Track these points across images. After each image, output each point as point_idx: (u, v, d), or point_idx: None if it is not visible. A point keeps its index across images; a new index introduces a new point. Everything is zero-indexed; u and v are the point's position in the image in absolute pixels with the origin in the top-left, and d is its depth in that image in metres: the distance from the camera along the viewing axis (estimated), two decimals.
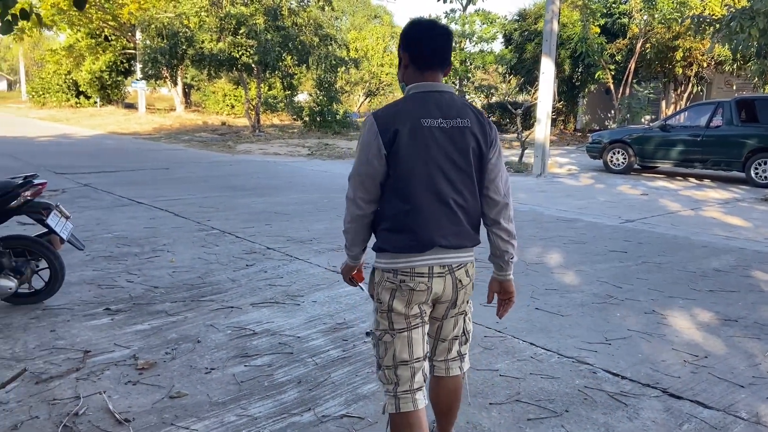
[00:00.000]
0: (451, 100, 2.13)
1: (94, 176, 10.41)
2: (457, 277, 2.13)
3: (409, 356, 2.15)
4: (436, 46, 2.14)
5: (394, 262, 2.09)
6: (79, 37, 31.05)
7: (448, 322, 2.26)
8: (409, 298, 2.10)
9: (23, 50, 50.38)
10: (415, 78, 2.15)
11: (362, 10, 47.52)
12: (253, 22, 17.86)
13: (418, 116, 2.06)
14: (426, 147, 2.05)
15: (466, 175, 2.11)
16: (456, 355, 2.34)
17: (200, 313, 4.14)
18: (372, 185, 2.10)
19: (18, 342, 3.60)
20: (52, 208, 4.14)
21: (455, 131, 2.08)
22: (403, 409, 2.16)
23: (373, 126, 2.07)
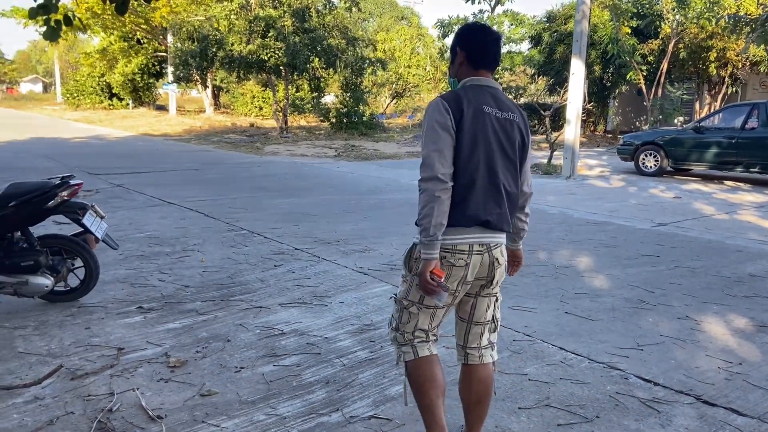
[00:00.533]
0: (502, 96, 2.34)
1: (126, 177, 10.61)
2: (494, 256, 2.28)
3: (429, 326, 2.36)
4: (493, 48, 2.35)
5: None
6: (112, 40, 31.71)
7: (481, 301, 2.37)
8: (448, 273, 2.21)
9: (58, 53, 51.64)
10: (469, 74, 2.35)
11: (389, 12, 47.55)
12: (281, 24, 18.01)
13: (480, 103, 2.25)
14: (486, 130, 2.23)
15: (513, 164, 2.31)
16: (487, 343, 2.45)
17: (230, 313, 4.19)
18: (449, 156, 2.18)
19: (54, 339, 3.69)
20: (88, 208, 4.23)
21: (507, 123, 2.29)
22: (421, 354, 2.34)
23: (443, 104, 2.21)
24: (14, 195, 3.96)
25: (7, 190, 3.99)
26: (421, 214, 2.18)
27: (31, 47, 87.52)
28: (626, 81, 21.70)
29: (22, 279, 4.00)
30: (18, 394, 3.01)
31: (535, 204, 8.93)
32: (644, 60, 20.72)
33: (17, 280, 4.00)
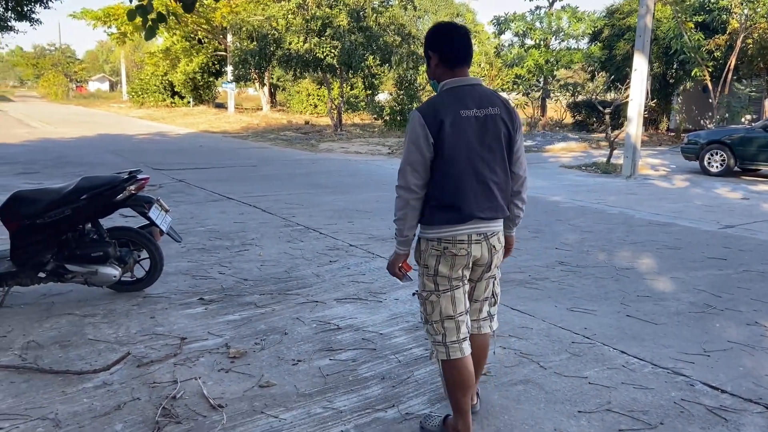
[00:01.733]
0: (481, 92, 2.47)
1: (188, 172, 10.93)
2: (491, 243, 2.52)
3: (453, 311, 2.51)
4: (463, 45, 2.48)
5: (439, 232, 2.45)
6: (175, 40, 32.72)
7: (480, 284, 2.63)
8: (452, 262, 2.46)
9: (125, 53, 53.67)
10: (446, 75, 2.49)
11: (444, 9, 47.27)
12: (337, 23, 18.16)
13: (457, 108, 2.39)
14: (466, 135, 2.39)
15: (499, 156, 2.48)
16: (486, 316, 2.73)
17: (287, 306, 4.26)
18: (423, 170, 2.41)
19: (121, 327, 3.84)
20: (154, 201, 4.38)
21: (488, 119, 2.43)
22: (452, 356, 2.52)
23: (420, 119, 2.38)
24: (86, 188, 4.13)
25: (79, 184, 4.17)
26: (396, 216, 2.51)
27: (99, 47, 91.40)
28: (691, 78, 20.88)
29: (92, 269, 4.18)
30: (88, 379, 3.15)
31: (594, 203, 8.74)
32: (710, 56, 19.87)
33: (88, 270, 4.18)
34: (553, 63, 22.93)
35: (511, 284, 4.84)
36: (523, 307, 4.34)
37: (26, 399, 2.93)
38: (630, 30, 21.10)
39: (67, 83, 55.70)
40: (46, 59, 61.20)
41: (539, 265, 5.46)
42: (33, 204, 4.09)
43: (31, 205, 4.09)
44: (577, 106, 26.45)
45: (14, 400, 2.92)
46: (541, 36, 23.85)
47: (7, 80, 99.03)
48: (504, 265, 5.33)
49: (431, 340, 2.60)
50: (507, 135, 2.48)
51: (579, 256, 5.79)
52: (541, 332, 3.89)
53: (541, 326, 3.99)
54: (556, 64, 22.91)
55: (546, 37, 24.04)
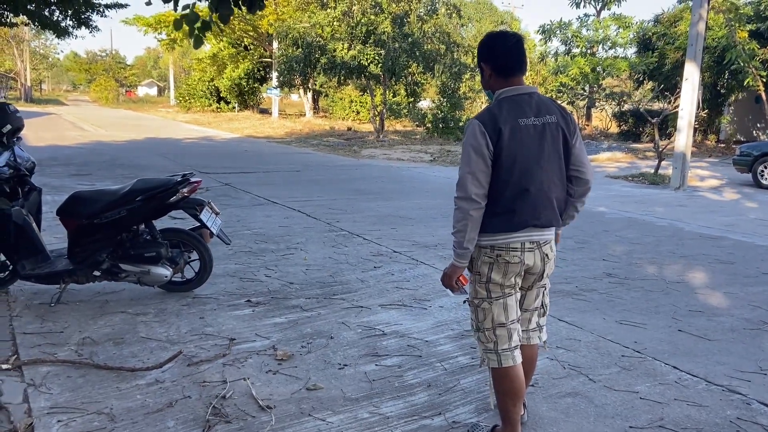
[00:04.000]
0: (538, 100, 2.46)
1: (233, 176, 11.14)
2: (543, 252, 2.51)
3: (505, 319, 2.51)
4: (517, 54, 2.47)
5: (493, 239, 2.45)
6: (222, 46, 33.43)
7: (531, 293, 2.62)
8: (505, 269, 2.46)
9: (173, 59, 55.12)
10: (500, 84, 2.48)
11: (489, 17, 47.07)
12: (382, 30, 18.27)
13: (515, 117, 2.39)
14: (524, 143, 2.38)
15: (557, 164, 2.47)
16: (535, 326, 2.71)
17: (332, 311, 4.29)
18: (484, 179, 2.39)
19: (172, 326, 3.93)
20: (205, 204, 4.47)
21: (546, 127, 2.42)
22: (504, 364, 2.51)
23: (480, 127, 2.37)
24: (141, 190, 4.26)
25: (135, 185, 4.29)
26: (455, 228, 2.46)
27: (147, 54, 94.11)
28: (743, 88, 20.24)
29: (144, 269, 4.29)
30: (141, 376, 3.23)
31: (642, 215, 8.55)
32: (764, 65, 19.24)
33: (141, 270, 4.30)
34: (598, 71, 22.55)
35: (558, 295, 4.77)
36: (570, 319, 4.27)
37: (82, 393, 3.03)
38: (679, 38, 20.61)
39: (118, 88, 57.46)
40: (98, 64, 63.35)
41: (586, 276, 5.37)
42: (91, 204, 4.23)
43: (89, 205, 4.23)
44: (623, 116, 25.93)
45: (71, 394, 3.02)
46: (586, 44, 23.50)
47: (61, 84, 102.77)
48: (551, 276, 5.30)
49: (482, 348, 2.59)
50: (565, 142, 2.48)
51: (627, 268, 5.67)
52: (590, 344, 3.82)
53: (590, 338, 3.92)
54: (602, 73, 22.52)
55: (592, 45, 23.67)
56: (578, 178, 2.56)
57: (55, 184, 9.58)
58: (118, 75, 60.92)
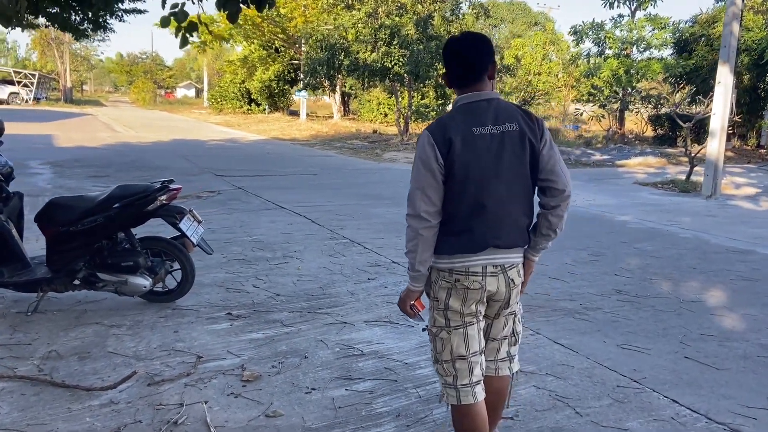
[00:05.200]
0: (497, 107, 2.21)
1: (248, 179, 11.05)
2: (509, 277, 2.26)
3: (465, 351, 2.27)
4: (469, 59, 2.22)
5: (451, 262, 2.22)
6: (253, 48, 33.65)
7: (498, 321, 2.37)
8: (464, 296, 2.23)
9: (207, 61, 55.88)
10: (460, 92, 2.26)
11: (522, 18, 46.42)
12: (406, 32, 18.04)
13: (469, 126, 2.17)
14: (478, 154, 2.15)
15: (520, 176, 2.21)
16: (505, 356, 2.45)
17: (313, 326, 4.08)
18: (434, 195, 2.18)
19: (143, 340, 3.77)
20: (186, 212, 4.31)
21: (506, 136, 2.17)
22: (464, 401, 2.28)
23: (428, 138, 2.17)
24: (119, 197, 4.12)
25: (113, 192, 4.16)
26: (407, 248, 2.27)
27: (186, 55, 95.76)
28: None
29: (122, 278, 4.15)
30: (96, 396, 3.07)
31: (666, 225, 8.11)
32: None
33: (118, 279, 4.16)
34: (632, 73, 21.89)
35: (558, 314, 4.47)
36: (567, 341, 3.96)
37: (31, 414, 2.88)
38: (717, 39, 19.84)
39: (155, 89, 58.51)
40: (138, 66, 64.65)
41: (593, 292, 5.04)
42: (68, 211, 4.11)
43: (66, 212, 4.11)
44: (659, 119, 25.14)
45: (20, 414, 2.87)
46: (620, 45, 22.83)
47: (104, 85, 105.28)
48: (555, 291, 5.02)
49: (441, 381, 2.38)
50: (530, 150, 2.21)
51: (640, 284, 5.31)
52: (583, 372, 3.52)
53: (584, 365, 3.62)
54: (636, 75, 21.84)
55: (626, 47, 22.99)
56: (551, 188, 2.26)
57: (71, 185, 9.63)
58: (157, 77, 62.06)
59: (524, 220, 2.27)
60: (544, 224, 2.32)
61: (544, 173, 2.24)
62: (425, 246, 2.21)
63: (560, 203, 2.27)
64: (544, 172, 2.24)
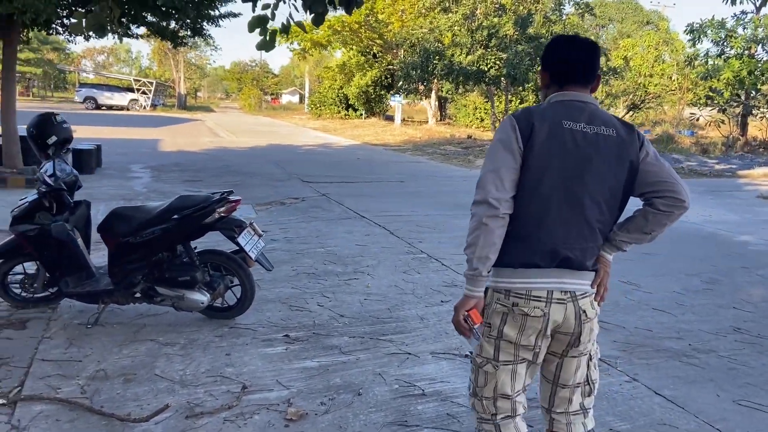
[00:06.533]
0: (596, 110, 1.95)
1: (334, 186, 10.89)
2: (581, 307, 1.92)
3: (511, 390, 1.99)
4: (580, 59, 1.98)
5: (509, 281, 1.92)
6: (351, 54, 34.01)
7: (569, 362, 2.01)
8: (522, 323, 1.91)
9: (308, 68, 57.40)
10: (558, 89, 2.00)
11: (632, 17, 43.88)
12: (504, 33, 17.33)
13: (559, 118, 1.90)
14: (564, 148, 1.87)
15: (608, 187, 1.90)
16: (578, 409, 2.08)
17: (374, 356, 3.70)
18: (509, 180, 1.87)
19: (192, 363, 3.54)
20: (245, 226, 4.07)
21: (600, 138, 1.90)
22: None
23: (511, 121, 1.92)
24: (178, 208, 3.94)
25: (172, 204, 3.99)
26: (467, 242, 1.92)
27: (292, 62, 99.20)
28: None
29: (179, 293, 3.98)
30: (130, 427, 2.85)
31: None
32: None
33: (175, 294, 3.99)
34: (757, 75, 19.85)
35: (661, 356, 3.81)
36: (671, 392, 3.33)
37: None
38: None
39: (260, 96, 60.82)
40: (248, 74, 67.58)
41: (706, 330, 4.30)
42: (128, 222, 3.99)
43: (126, 223, 3.99)
44: None
45: None
46: (743, 44, 20.81)
47: (216, 92, 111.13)
48: (659, 327, 4.33)
49: (476, 416, 2.09)
50: (628, 163, 1.91)
51: (764, 321, 4.50)
52: None
53: (691, 425, 2.98)
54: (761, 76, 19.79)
55: (750, 46, 20.92)
56: (667, 197, 1.91)
57: (165, 189, 9.87)
58: (263, 84, 64.56)
59: (603, 240, 1.98)
60: (638, 222, 1.98)
61: (652, 185, 1.93)
62: (488, 239, 1.87)
63: (673, 210, 1.93)
64: (652, 185, 1.93)
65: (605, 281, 2.01)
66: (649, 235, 1.97)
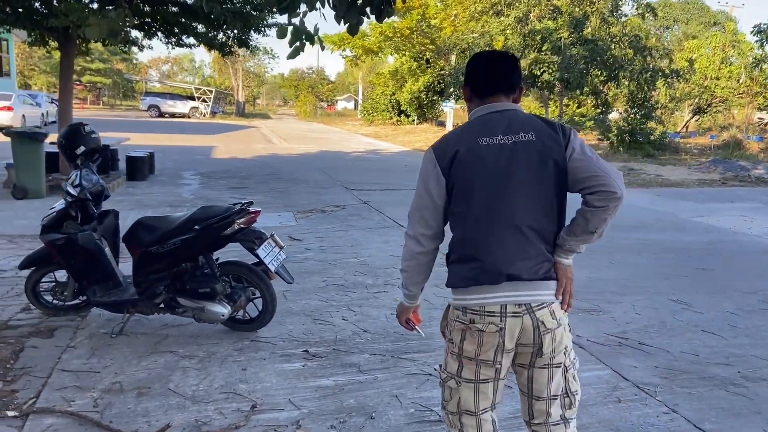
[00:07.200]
0: (512, 117, 1.96)
1: (376, 193, 10.80)
2: (538, 318, 1.91)
3: (474, 407, 2.00)
4: (496, 71, 2.01)
5: (464, 299, 1.95)
6: (404, 60, 33.97)
7: (539, 372, 1.98)
8: (479, 340, 1.92)
9: (361, 75, 57.81)
10: (478, 103, 2.05)
11: (698, 17, 42.12)
12: (558, 36, 16.85)
13: (475, 137, 1.94)
14: (484, 167, 1.90)
15: (539, 192, 1.91)
16: (558, 420, 2.04)
17: (392, 375, 3.55)
18: (432, 219, 1.99)
19: (207, 378, 3.49)
20: (266, 237, 4.00)
21: (520, 146, 1.90)
22: None
23: (429, 154, 1.99)
24: (199, 219, 3.91)
25: (194, 214, 3.96)
26: (402, 266, 2.12)
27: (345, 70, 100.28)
28: None
29: (200, 305, 3.94)
30: None
31: None
32: None
33: (196, 305, 3.96)
34: None
35: (706, 384, 3.50)
36: (712, 425, 3.04)
37: None
38: None
39: (315, 102, 61.66)
40: (304, 81, 68.71)
41: (759, 355, 3.95)
42: (151, 232, 3.98)
43: (149, 232, 3.99)
44: None
45: None
46: None
47: (274, 99, 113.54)
48: (706, 351, 4.00)
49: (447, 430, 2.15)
50: (553, 162, 1.90)
51: None
52: None
53: None
54: None
55: None
56: (597, 191, 1.86)
57: (212, 196, 10.01)
58: (318, 91, 65.45)
59: (547, 246, 1.95)
60: (579, 223, 1.93)
61: (583, 181, 1.89)
62: (419, 270, 2.09)
63: (608, 204, 1.87)
64: (583, 181, 1.89)
65: (569, 287, 1.98)
66: (595, 233, 1.92)
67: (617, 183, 1.86)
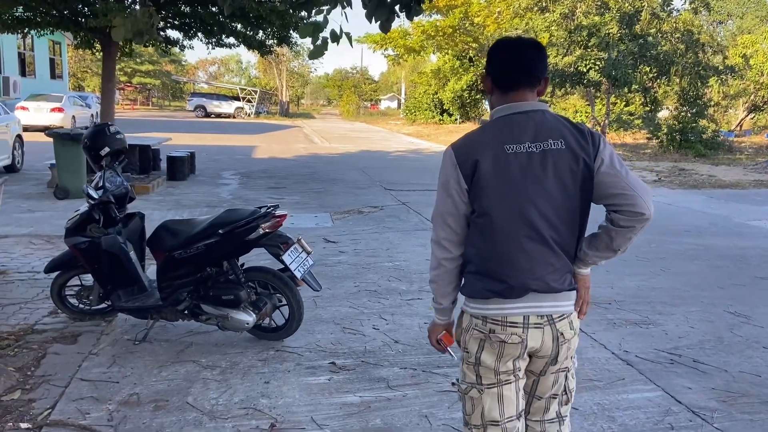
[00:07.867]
0: (542, 120, 1.85)
1: (415, 194, 10.56)
2: (558, 330, 1.88)
3: (499, 415, 1.92)
4: (520, 62, 1.89)
5: (485, 308, 1.88)
6: (447, 59, 33.58)
7: (546, 378, 1.98)
8: (500, 351, 1.88)
9: (404, 74, 57.58)
10: (499, 102, 1.92)
11: (754, 11, 40.27)
12: (606, 32, 16.25)
13: (501, 142, 1.83)
14: (511, 177, 1.80)
15: (565, 206, 1.82)
16: (554, 416, 2.05)
17: (423, 392, 3.31)
18: (456, 224, 1.90)
19: (227, 391, 3.32)
20: (292, 243, 3.81)
21: (548, 155, 1.81)
22: None
23: (451, 158, 1.88)
24: (223, 223, 3.75)
25: (216, 219, 3.81)
26: (430, 277, 2.02)
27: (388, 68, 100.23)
28: None
29: (224, 312, 3.78)
30: None
31: None
32: None
33: (220, 313, 3.80)
34: None
35: (744, 402, 3.14)
36: None
37: None
38: None
39: (358, 102, 61.74)
40: (348, 81, 68.96)
41: None
42: (174, 236, 3.85)
43: (172, 237, 3.85)
44: None
45: None
46: None
47: (318, 99, 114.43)
48: (767, 370, 3.64)
49: None
50: (582, 173, 1.80)
51: None
52: None
53: None
54: None
55: None
56: (623, 211, 1.79)
57: (249, 197, 9.96)
58: (361, 90, 65.57)
59: (569, 257, 1.88)
60: (603, 240, 1.87)
61: (611, 198, 1.82)
62: (448, 278, 1.95)
63: (634, 225, 1.81)
64: (610, 197, 1.82)
65: (587, 297, 1.96)
66: (619, 250, 1.88)
67: (646, 203, 1.79)
